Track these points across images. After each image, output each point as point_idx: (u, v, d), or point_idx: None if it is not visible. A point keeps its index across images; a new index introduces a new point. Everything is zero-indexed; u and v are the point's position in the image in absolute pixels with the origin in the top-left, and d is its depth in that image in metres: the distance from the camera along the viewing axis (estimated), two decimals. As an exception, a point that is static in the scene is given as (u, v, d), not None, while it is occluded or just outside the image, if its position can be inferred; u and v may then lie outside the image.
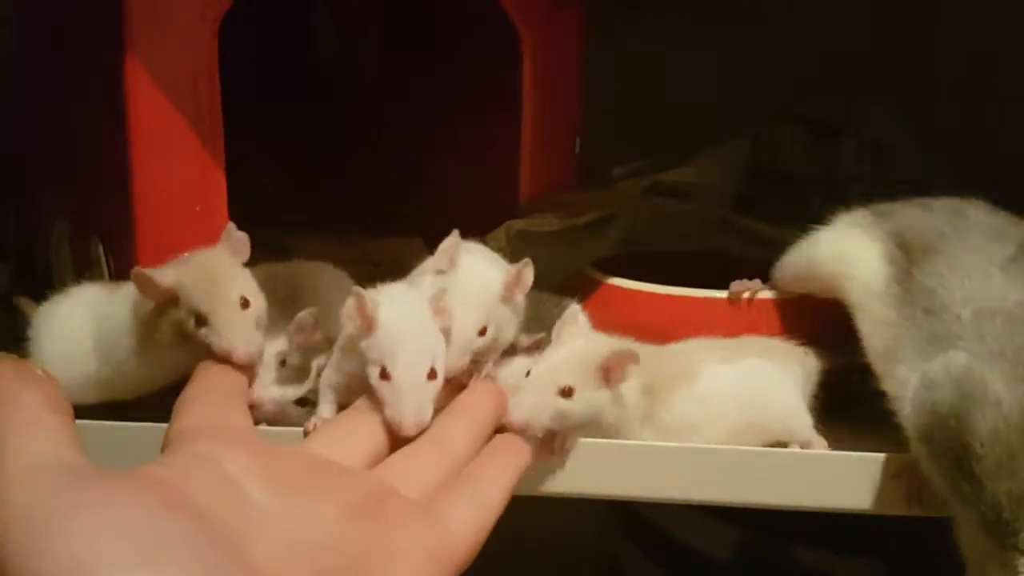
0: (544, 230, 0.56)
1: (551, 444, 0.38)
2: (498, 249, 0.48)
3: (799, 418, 0.41)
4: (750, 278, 0.47)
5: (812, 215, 0.59)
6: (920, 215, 0.41)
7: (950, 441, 0.33)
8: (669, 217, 0.59)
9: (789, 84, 0.69)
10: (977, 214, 0.40)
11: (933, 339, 0.36)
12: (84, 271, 0.50)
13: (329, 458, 0.33)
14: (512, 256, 0.44)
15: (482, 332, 0.40)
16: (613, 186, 0.61)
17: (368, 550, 0.29)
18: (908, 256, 0.39)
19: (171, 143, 0.49)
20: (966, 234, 0.39)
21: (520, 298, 0.42)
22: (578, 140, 0.60)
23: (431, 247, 0.42)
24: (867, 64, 0.69)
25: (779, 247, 0.58)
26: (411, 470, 0.34)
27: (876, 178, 0.64)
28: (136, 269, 0.39)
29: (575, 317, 0.41)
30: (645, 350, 0.40)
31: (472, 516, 0.32)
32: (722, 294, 0.47)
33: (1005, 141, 0.62)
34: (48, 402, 0.27)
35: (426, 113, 0.63)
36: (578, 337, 0.40)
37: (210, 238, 0.50)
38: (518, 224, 0.56)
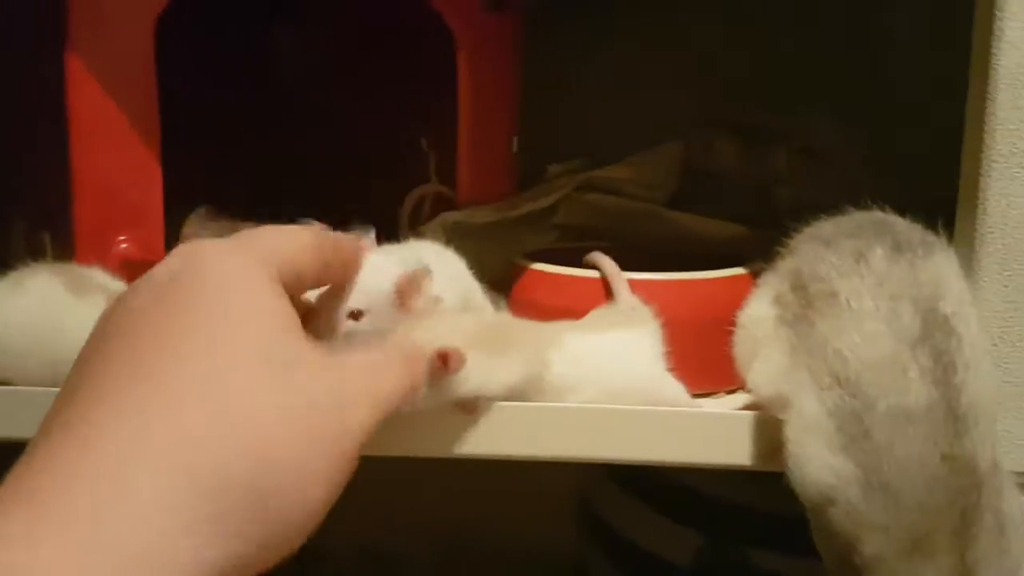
0: (479, 222, 0.58)
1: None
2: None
3: (666, 381, 0.43)
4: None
5: (742, 216, 0.62)
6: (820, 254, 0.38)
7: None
8: (604, 210, 0.61)
9: (723, 90, 0.71)
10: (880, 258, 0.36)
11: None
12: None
13: None
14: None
15: (354, 315, 0.39)
16: (548, 182, 0.62)
17: None
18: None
19: (109, 136, 0.51)
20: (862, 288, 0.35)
21: (419, 302, 0.40)
22: (516, 140, 0.62)
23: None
24: (801, 70, 0.71)
25: (709, 240, 0.60)
26: None
27: (807, 183, 0.66)
28: None
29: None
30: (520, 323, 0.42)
31: None
32: (643, 276, 0.49)
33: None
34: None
35: (364, 117, 0.64)
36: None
37: (146, 229, 0.52)
38: (453, 216, 0.58)
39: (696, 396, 0.46)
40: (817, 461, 0.33)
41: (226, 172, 0.60)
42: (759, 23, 0.72)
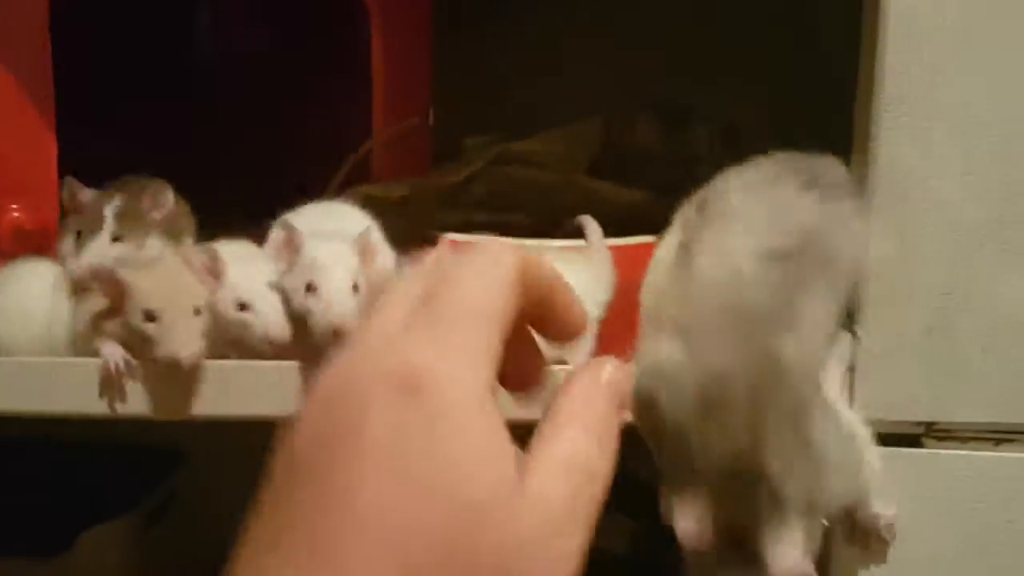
0: (393, 196, 0.57)
1: None
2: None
3: None
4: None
5: (661, 191, 0.62)
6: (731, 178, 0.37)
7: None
8: (520, 182, 0.61)
9: (645, 68, 0.71)
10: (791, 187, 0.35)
11: None
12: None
13: None
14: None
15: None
16: (464, 156, 0.61)
17: None
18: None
19: (4, 110, 0.50)
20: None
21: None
22: (432, 113, 0.62)
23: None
24: (724, 49, 0.71)
25: (626, 208, 0.60)
26: None
27: (728, 160, 0.66)
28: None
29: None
30: None
31: None
32: (560, 243, 0.49)
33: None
34: None
35: (276, 89, 0.63)
36: None
37: (39, 198, 0.50)
38: (367, 190, 0.56)
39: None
40: (654, 353, 0.33)
41: (134, 144, 0.58)
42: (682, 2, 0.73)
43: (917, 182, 0.39)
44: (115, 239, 0.47)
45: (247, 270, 0.46)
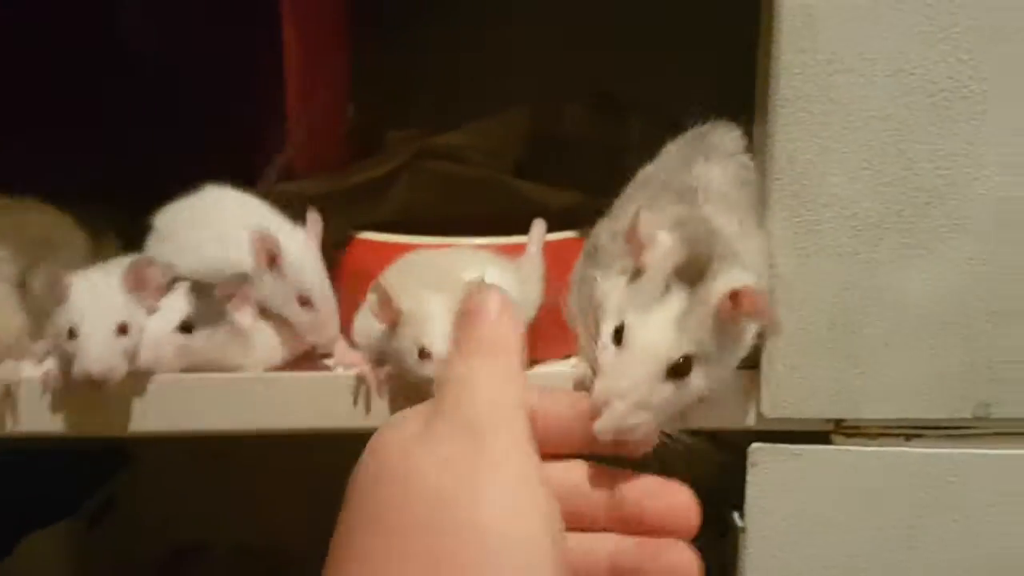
0: (311, 193, 0.55)
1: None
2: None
3: None
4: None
5: (592, 185, 0.61)
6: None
7: None
8: (443, 179, 0.59)
9: (574, 56, 0.70)
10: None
11: None
12: None
13: None
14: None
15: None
16: (387, 151, 0.60)
17: None
18: None
19: None
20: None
21: None
22: (352, 106, 0.60)
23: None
24: (657, 39, 0.70)
25: (553, 210, 0.59)
26: None
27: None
28: None
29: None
30: None
31: None
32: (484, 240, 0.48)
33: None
34: None
35: (188, 85, 0.61)
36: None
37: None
38: (281, 187, 0.55)
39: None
40: None
41: (44, 141, 0.57)
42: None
43: (816, 178, 0.38)
44: None
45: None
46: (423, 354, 0.39)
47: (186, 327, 0.43)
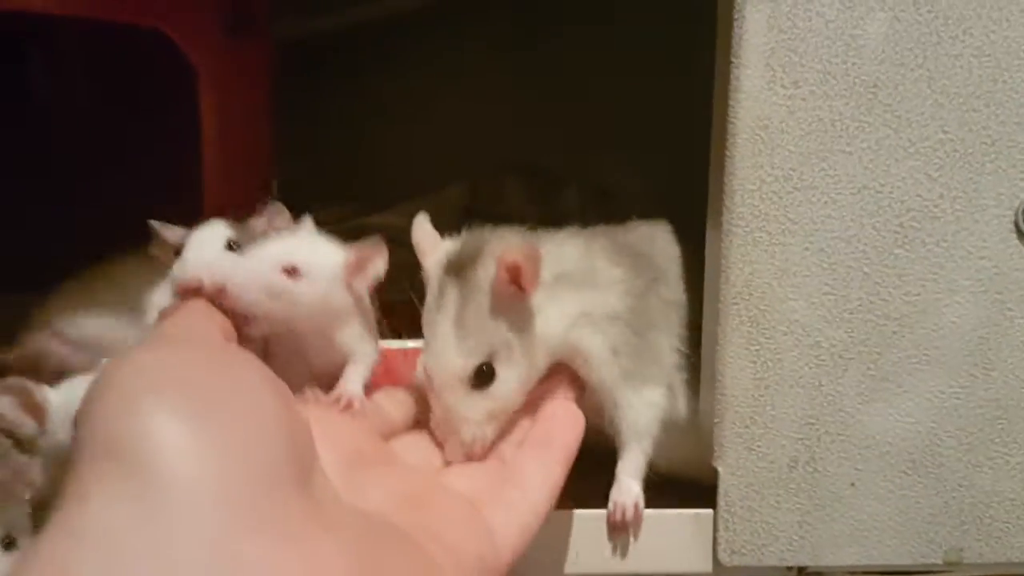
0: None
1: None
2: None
3: None
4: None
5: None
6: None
7: None
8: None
9: (511, 131, 0.66)
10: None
11: None
12: None
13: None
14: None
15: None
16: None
17: (418, 533, 0.27)
18: None
19: None
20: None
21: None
22: (275, 183, 0.55)
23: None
24: (591, 113, 0.67)
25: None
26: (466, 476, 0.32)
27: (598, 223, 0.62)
28: None
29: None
30: None
31: (516, 522, 0.30)
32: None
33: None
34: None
35: (109, 153, 0.57)
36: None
37: None
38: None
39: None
40: None
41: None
42: (551, 62, 0.68)
43: (775, 303, 0.34)
44: None
45: None
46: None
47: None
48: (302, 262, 0.32)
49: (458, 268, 0.33)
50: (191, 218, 0.53)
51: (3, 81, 0.61)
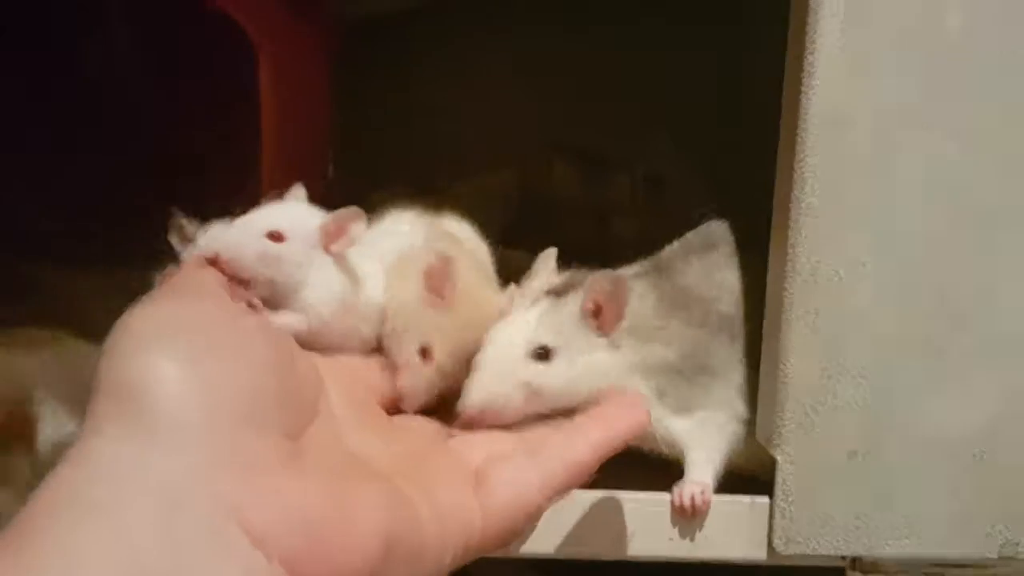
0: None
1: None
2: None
3: None
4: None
5: (581, 246, 0.58)
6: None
7: None
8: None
9: (562, 116, 0.66)
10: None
11: None
12: None
13: None
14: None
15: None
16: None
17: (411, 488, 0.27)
18: None
19: None
20: None
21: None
22: (331, 165, 0.56)
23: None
24: (644, 96, 0.67)
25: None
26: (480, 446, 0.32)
27: (650, 210, 0.62)
28: None
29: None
30: None
31: (512, 488, 0.29)
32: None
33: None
34: None
35: (168, 130, 0.57)
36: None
37: None
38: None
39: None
40: None
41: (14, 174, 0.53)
42: (603, 46, 0.68)
43: (840, 292, 0.34)
44: None
45: None
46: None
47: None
48: (286, 227, 0.34)
49: (560, 290, 0.36)
50: (250, 200, 0.54)
51: (60, 58, 0.62)
